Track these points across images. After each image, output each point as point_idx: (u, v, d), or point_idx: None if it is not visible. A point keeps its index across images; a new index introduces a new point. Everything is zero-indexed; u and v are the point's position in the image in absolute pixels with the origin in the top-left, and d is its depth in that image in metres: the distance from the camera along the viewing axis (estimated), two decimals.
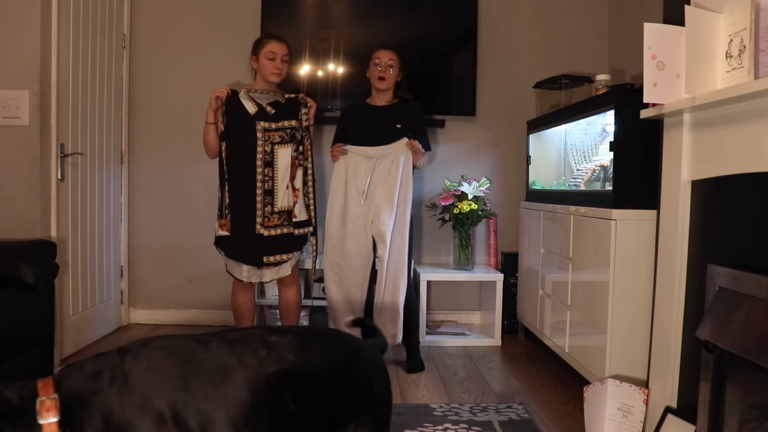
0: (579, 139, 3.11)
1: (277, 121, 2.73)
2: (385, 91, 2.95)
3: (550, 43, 3.77)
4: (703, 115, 1.85)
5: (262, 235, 2.71)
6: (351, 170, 2.89)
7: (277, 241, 2.74)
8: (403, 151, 2.86)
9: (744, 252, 1.70)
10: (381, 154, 2.87)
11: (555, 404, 2.50)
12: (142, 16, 3.65)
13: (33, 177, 2.66)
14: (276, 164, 2.72)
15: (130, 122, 3.65)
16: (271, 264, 2.74)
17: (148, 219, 3.72)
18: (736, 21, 1.69)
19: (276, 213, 2.74)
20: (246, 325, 2.83)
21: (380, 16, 3.65)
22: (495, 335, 3.41)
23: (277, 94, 2.79)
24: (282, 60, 2.76)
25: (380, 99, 2.97)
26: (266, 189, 2.72)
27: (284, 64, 2.78)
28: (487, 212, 3.51)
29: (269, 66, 2.75)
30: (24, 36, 2.62)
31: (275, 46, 2.76)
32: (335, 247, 2.88)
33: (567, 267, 2.69)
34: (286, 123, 2.74)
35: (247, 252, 2.73)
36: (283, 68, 2.78)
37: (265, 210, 2.72)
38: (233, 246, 2.74)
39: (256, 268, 2.74)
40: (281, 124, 2.74)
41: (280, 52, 2.76)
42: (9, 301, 2.15)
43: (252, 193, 2.71)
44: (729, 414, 1.69)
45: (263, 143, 2.71)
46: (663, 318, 2.03)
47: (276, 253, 2.74)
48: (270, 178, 2.72)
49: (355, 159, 2.89)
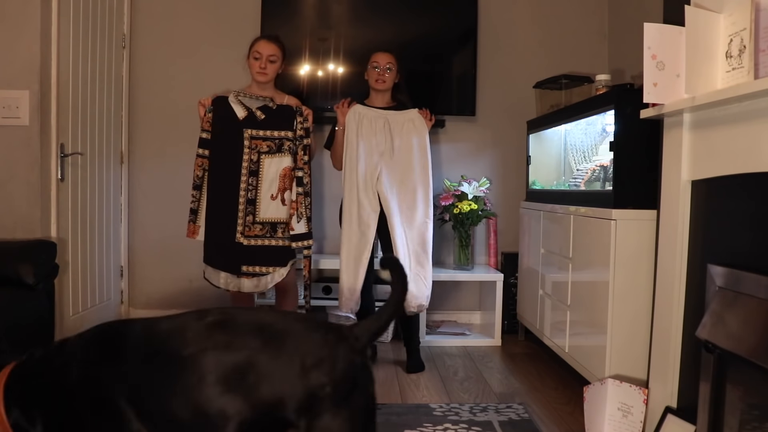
0: (579, 139, 3.11)
1: (265, 128, 2.70)
2: (383, 92, 2.95)
3: (550, 43, 3.77)
4: (703, 115, 1.85)
5: (242, 244, 2.68)
6: (365, 128, 2.89)
7: (258, 252, 2.69)
8: (416, 118, 2.92)
9: (744, 252, 1.69)
10: (393, 118, 2.91)
11: (555, 404, 2.50)
12: (142, 16, 3.65)
13: (33, 177, 2.66)
14: (261, 174, 2.69)
15: (130, 122, 3.65)
16: (250, 274, 2.69)
17: (148, 219, 3.72)
18: (736, 21, 1.69)
19: (258, 223, 2.70)
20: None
21: (380, 16, 3.65)
22: (495, 335, 3.41)
23: (267, 99, 2.74)
24: (267, 60, 2.72)
25: (378, 100, 2.98)
26: (249, 198, 2.69)
27: (270, 65, 2.73)
28: (487, 212, 3.51)
29: (255, 66, 2.74)
30: (24, 36, 2.62)
31: (261, 46, 2.74)
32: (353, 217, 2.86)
33: (567, 267, 2.69)
34: (276, 133, 2.70)
35: (226, 259, 2.69)
36: (267, 68, 2.73)
37: (246, 219, 2.69)
38: (211, 252, 2.71)
39: (234, 276, 2.70)
40: (270, 134, 2.70)
41: (265, 52, 2.72)
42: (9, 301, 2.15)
43: (234, 201, 2.68)
44: (729, 414, 1.69)
45: (249, 152, 2.68)
46: (663, 318, 2.03)
47: (256, 264, 2.69)
48: (254, 187, 2.69)
49: (368, 116, 2.90)
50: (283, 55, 2.80)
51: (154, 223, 3.70)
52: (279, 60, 2.78)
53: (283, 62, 2.81)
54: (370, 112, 2.91)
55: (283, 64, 2.82)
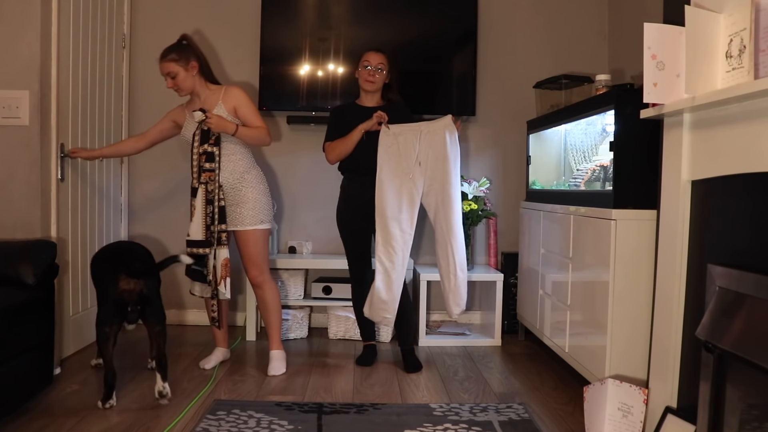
0: (579, 139, 3.11)
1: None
2: (372, 92, 2.95)
3: (549, 43, 3.77)
4: (703, 115, 1.85)
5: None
6: (399, 147, 2.87)
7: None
8: (447, 127, 2.88)
9: (744, 252, 1.69)
10: (427, 130, 2.88)
11: (555, 404, 2.50)
12: (142, 16, 3.66)
13: (33, 177, 2.66)
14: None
15: (130, 122, 3.65)
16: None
17: (148, 219, 3.72)
18: (736, 21, 1.69)
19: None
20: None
21: (380, 16, 3.65)
22: (495, 335, 3.41)
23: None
24: (169, 76, 2.72)
25: (368, 100, 2.97)
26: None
27: (171, 80, 2.72)
28: (487, 212, 3.51)
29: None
30: (24, 36, 2.62)
31: (160, 68, 2.73)
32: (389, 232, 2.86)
33: (567, 267, 2.69)
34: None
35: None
36: (172, 85, 2.73)
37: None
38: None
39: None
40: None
41: (162, 71, 2.73)
42: (9, 301, 2.15)
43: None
44: (729, 414, 1.69)
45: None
46: (663, 318, 2.03)
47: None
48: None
49: (403, 135, 2.87)
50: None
51: (154, 223, 3.70)
52: (175, 74, 2.74)
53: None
54: (405, 130, 2.89)
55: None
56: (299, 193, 3.78)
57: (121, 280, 2.34)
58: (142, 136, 2.98)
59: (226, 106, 2.76)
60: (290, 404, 2.42)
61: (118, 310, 2.34)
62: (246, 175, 2.80)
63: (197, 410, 2.35)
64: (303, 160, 3.73)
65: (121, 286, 2.34)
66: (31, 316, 2.29)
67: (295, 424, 2.22)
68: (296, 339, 3.50)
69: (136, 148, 2.99)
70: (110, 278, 2.36)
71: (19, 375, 2.21)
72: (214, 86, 2.84)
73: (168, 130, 2.94)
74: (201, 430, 2.13)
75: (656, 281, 2.10)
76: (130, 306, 2.36)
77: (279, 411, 2.34)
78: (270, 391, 2.60)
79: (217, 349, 2.96)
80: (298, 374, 2.84)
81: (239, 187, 2.78)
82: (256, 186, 2.82)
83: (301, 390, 2.62)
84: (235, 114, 2.77)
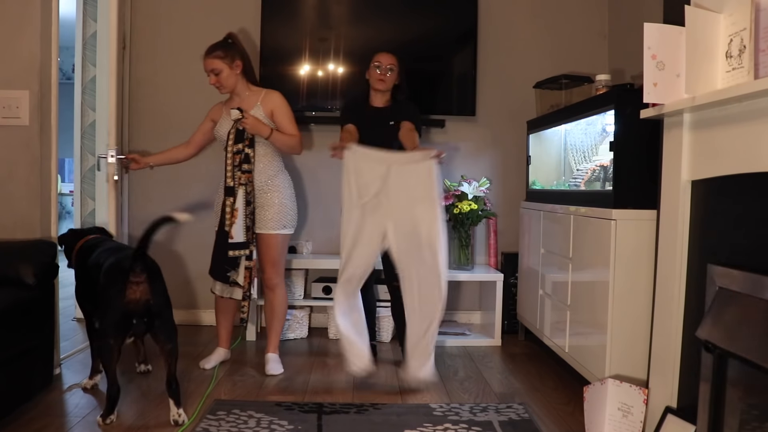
0: (579, 139, 3.11)
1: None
2: (383, 92, 2.96)
3: (550, 43, 3.77)
4: (703, 115, 1.85)
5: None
6: (358, 172, 2.61)
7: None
8: (427, 164, 2.56)
9: (744, 252, 1.69)
10: (398, 161, 2.60)
11: (555, 404, 2.50)
12: (142, 16, 3.65)
13: (33, 177, 2.66)
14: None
15: (130, 122, 3.65)
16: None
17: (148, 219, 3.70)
18: (736, 21, 1.69)
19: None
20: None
21: (380, 16, 3.65)
22: (495, 335, 3.41)
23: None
24: (212, 73, 2.76)
25: (378, 100, 2.98)
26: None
27: (214, 77, 2.76)
28: (487, 212, 3.51)
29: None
30: (24, 36, 2.62)
31: (204, 63, 2.78)
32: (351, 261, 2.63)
33: (567, 267, 2.69)
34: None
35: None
36: (215, 81, 2.77)
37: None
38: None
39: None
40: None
41: (207, 68, 2.77)
42: (9, 301, 2.15)
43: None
44: (729, 414, 1.69)
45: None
46: (663, 318, 2.03)
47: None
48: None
49: (365, 159, 2.61)
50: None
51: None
52: (219, 71, 2.79)
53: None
54: (370, 158, 2.61)
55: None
56: (299, 193, 3.75)
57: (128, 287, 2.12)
58: (188, 142, 3.01)
59: (264, 109, 2.79)
60: (290, 404, 2.42)
61: (123, 321, 2.11)
62: (275, 179, 2.83)
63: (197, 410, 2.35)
64: (303, 160, 3.72)
65: (128, 295, 2.12)
66: (31, 316, 2.29)
67: (295, 424, 2.22)
68: (296, 339, 3.50)
69: (186, 154, 3.02)
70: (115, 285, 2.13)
71: (19, 375, 2.21)
72: (255, 88, 2.87)
73: (210, 130, 2.96)
74: (201, 430, 2.13)
75: (656, 281, 2.10)
76: (136, 318, 2.13)
77: (279, 411, 2.34)
78: (270, 391, 2.60)
79: (218, 349, 2.96)
80: (298, 374, 2.84)
81: (266, 189, 2.80)
82: (283, 191, 2.84)
83: (301, 390, 2.62)
84: (271, 118, 2.80)
